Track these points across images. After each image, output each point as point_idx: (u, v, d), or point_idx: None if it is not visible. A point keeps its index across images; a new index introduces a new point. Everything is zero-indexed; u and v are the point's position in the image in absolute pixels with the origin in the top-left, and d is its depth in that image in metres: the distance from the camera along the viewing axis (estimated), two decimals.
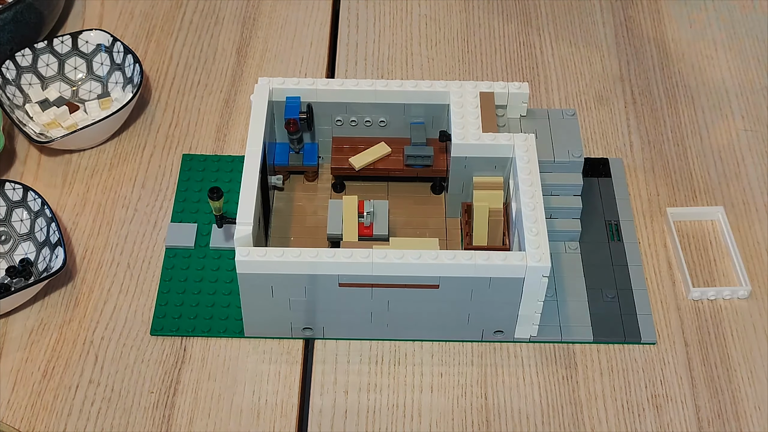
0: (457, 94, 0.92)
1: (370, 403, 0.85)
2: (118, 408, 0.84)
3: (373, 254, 0.81)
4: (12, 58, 1.04)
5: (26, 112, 1.03)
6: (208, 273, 0.92)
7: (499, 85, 0.92)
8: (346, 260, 0.81)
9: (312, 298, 0.84)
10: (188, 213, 0.97)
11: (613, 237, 0.95)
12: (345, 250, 0.81)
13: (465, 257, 0.81)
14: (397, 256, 0.81)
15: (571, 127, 0.93)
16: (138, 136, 1.04)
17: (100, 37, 1.06)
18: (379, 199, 0.94)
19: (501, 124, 0.93)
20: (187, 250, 0.94)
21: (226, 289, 0.91)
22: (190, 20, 1.16)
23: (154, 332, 0.89)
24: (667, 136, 1.05)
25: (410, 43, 1.14)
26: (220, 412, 0.84)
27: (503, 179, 0.90)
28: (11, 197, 0.94)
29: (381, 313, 0.86)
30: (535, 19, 1.16)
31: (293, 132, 0.93)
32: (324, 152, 0.98)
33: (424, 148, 0.94)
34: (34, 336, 0.89)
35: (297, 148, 0.95)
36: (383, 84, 0.93)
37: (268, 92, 0.92)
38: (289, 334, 0.88)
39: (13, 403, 0.84)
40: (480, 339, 0.88)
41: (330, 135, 0.96)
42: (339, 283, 0.83)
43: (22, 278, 0.91)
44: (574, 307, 0.90)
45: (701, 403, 0.85)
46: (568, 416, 0.84)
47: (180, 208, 0.97)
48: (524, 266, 0.81)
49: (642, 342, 0.88)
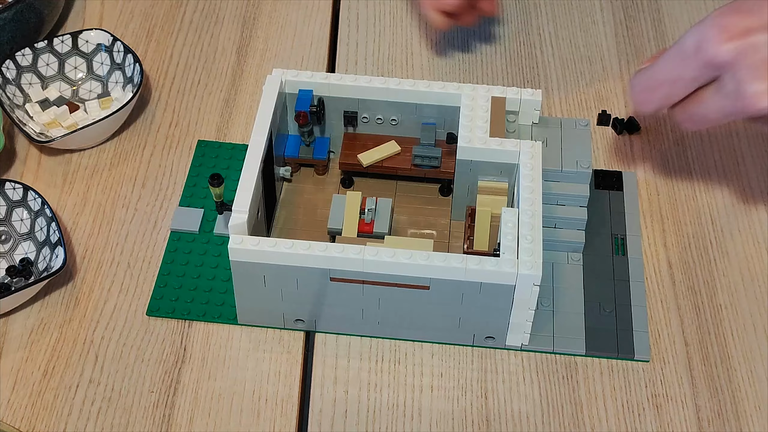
0: (469, 97, 0.91)
1: (371, 402, 0.85)
2: (119, 407, 0.84)
3: (364, 251, 0.81)
4: (12, 57, 1.04)
5: (26, 111, 1.03)
6: (209, 258, 0.93)
7: (512, 91, 0.92)
8: (337, 255, 0.81)
9: (304, 290, 0.84)
10: (197, 198, 0.98)
11: (617, 251, 0.94)
12: (337, 245, 0.82)
13: (456, 260, 0.81)
14: (389, 255, 0.81)
15: (583, 138, 0.92)
16: (138, 136, 1.04)
17: (100, 36, 1.06)
18: (387, 197, 0.94)
19: (511, 131, 0.92)
20: (191, 235, 0.95)
21: (225, 275, 0.92)
22: (190, 20, 1.16)
23: (150, 313, 0.89)
24: (667, 134, 1.05)
25: (410, 42, 1.14)
26: (220, 411, 0.84)
27: (508, 185, 0.90)
28: (11, 197, 0.94)
29: (372, 310, 0.86)
30: (535, 19, 1.16)
31: (303, 125, 0.93)
32: (336, 147, 0.98)
33: (433, 149, 0.94)
34: (34, 335, 0.89)
35: (308, 141, 0.96)
36: (396, 83, 0.93)
37: (281, 83, 0.92)
38: (281, 324, 0.88)
39: (13, 402, 0.84)
40: (471, 344, 0.88)
41: (341, 130, 0.97)
42: (330, 277, 0.83)
43: (22, 278, 0.91)
44: (569, 319, 0.89)
45: (701, 403, 0.85)
46: (568, 416, 0.85)
47: (189, 192, 0.98)
48: (515, 273, 0.81)
49: (635, 359, 0.88)
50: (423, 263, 0.81)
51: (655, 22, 1.16)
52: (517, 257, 0.81)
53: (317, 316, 0.87)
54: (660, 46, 1.13)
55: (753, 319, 0.91)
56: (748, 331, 0.90)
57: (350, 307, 0.86)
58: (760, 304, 0.92)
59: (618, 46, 1.14)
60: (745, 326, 0.90)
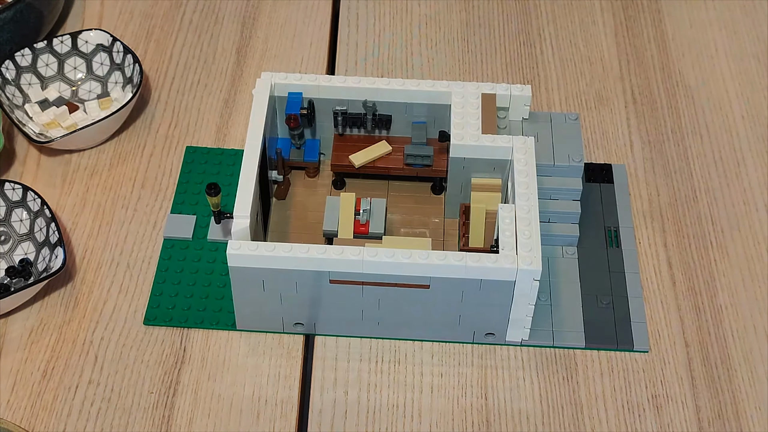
0: (459, 95, 0.92)
1: (370, 403, 0.85)
2: (118, 408, 0.84)
3: (364, 252, 0.81)
4: (12, 57, 1.03)
5: (26, 112, 1.03)
6: (204, 265, 0.93)
7: (501, 87, 0.92)
8: (336, 257, 0.81)
9: (303, 293, 0.84)
10: (188, 205, 0.97)
11: (611, 243, 0.94)
12: (336, 247, 0.82)
13: (456, 258, 0.81)
14: (388, 255, 0.81)
15: (573, 131, 0.93)
16: (138, 136, 1.04)
17: (99, 37, 1.06)
18: (379, 197, 0.94)
19: (502, 126, 0.93)
20: (185, 242, 0.94)
21: (221, 281, 0.91)
22: (189, 20, 1.15)
23: (147, 322, 0.89)
24: (668, 135, 1.05)
25: (410, 42, 1.14)
26: (219, 412, 0.84)
27: (502, 181, 0.90)
28: (11, 197, 0.94)
29: (372, 311, 0.86)
30: (535, 19, 1.16)
31: (294, 128, 0.93)
32: (326, 149, 0.98)
33: (424, 148, 0.94)
34: (34, 336, 0.88)
35: (298, 143, 0.96)
36: (385, 82, 0.93)
37: (270, 87, 0.92)
38: (280, 328, 0.88)
39: (12, 403, 0.84)
40: (471, 341, 0.88)
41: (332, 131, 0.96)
42: (330, 280, 0.83)
43: (22, 278, 0.91)
44: (567, 312, 0.90)
45: (701, 404, 0.85)
46: (569, 417, 0.84)
47: (180, 199, 0.98)
48: (515, 269, 0.81)
49: (635, 350, 0.88)
50: (422, 262, 0.81)
51: (655, 23, 1.16)
52: (516, 253, 0.81)
53: (317, 319, 0.87)
54: (660, 46, 1.13)
55: (753, 319, 0.91)
56: (749, 331, 0.90)
57: (350, 308, 0.86)
58: (760, 305, 0.92)
59: (618, 47, 1.14)
60: (746, 327, 0.90)
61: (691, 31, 1.15)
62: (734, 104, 1.08)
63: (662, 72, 1.11)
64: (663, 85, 1.09)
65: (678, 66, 1.12)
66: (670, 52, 1.13)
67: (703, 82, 1.09)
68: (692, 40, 1.14)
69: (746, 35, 1.15)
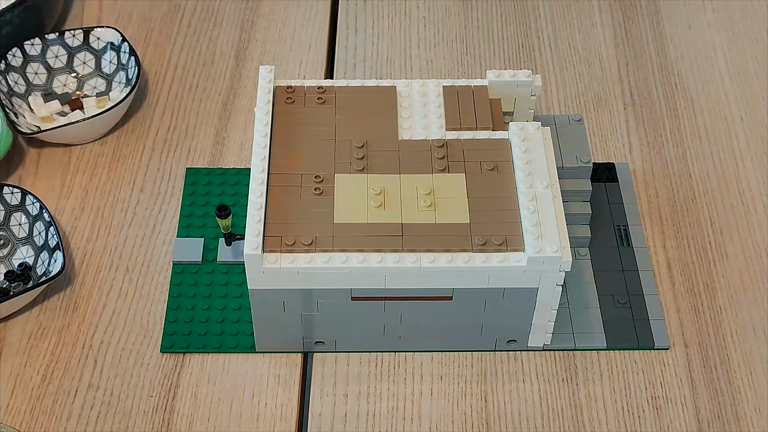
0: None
1: (370, 406, 0.85)
2: (118, 412, 0.84)
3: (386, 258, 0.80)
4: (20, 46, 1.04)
5: (27, 102, 1.03)
6: (216, 288, 0.91)
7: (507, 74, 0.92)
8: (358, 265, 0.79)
9: (325, 312, 0.83)
10: (194, 228, 0.96)
11: (622, 242, 0.94)
12: (357, 255, 0.79)
13: (480, 259, 0.80)
14: (412, 260, 0.80)
15: (578, 133, 0.92)
16: (136, 140, 1.04)
17: (110, 35, 1.06)
18: None
19: None
20: (195, 265, 0.93)
21: (235, 303, 0.90)
22: (188, 23, 1.15)
23: (164, 350, 0.87)
24: (666, 137, 1.05)
25: (409, 45, 1.14)
26: (219, 416, 0.84)
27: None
28: (9, 201, 0.94)
29: (394, 325, 0.85)
30: (533, 21, 1.16)
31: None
32: None
33: None
34: (33, 340, 0.88)
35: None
36: (373, 83, 0.92)
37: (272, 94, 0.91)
38: (300, 348, 0.87)
39: (12, 407, 0.84)
40: (493, 348, 0.88)
41: None
42: (351, 297, 0.82)
43: (21, 282, 0.91)
44: (586, 314, 0.89)
45: (701, 405, 0.85)
46: (568, 419, 0.84)
47: (186, 222, 0.96)
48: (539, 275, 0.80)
49: (656, 347, 0.88)
50: (446, 266, 0.80)
51: (653, 24, 1.16)
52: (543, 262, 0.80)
53: (337, 337, 0.86)
54: (659, 48, 1.13)
55: (753, 321, 0.91)
56: (748, 333, 0.90)
57: (372, 324, 0.85)
58: (759, 306, 0.92)
59: (617, 48, 1.14)
60: (745, 328, 0.90)
61: (689, 33, 1.15)
62: (733, 106, 1.08)
63: (661, 73, 1.11)
64: (662, 87, 1.09)
65: (677, 67, 1.12)
66: (668, 54, 1.13)
67: None
68: (691, 41, 1.14)
69: (745, 37, 1.15)
